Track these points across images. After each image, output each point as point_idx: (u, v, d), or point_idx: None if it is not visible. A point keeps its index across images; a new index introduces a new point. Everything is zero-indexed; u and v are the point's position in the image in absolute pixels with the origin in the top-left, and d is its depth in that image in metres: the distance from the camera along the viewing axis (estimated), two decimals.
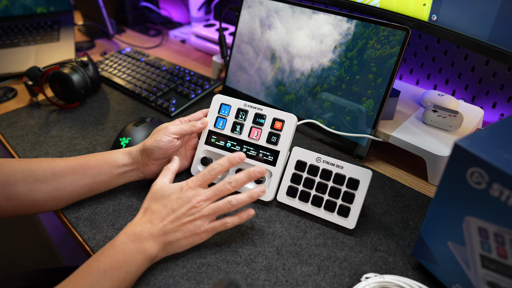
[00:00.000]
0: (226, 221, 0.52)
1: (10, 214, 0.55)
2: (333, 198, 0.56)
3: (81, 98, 0.85)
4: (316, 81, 0.75)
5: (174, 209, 0.50)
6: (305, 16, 0.75)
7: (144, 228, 0.49)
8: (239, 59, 0.86)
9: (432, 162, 0.63)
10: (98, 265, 0.45)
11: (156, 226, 0.49)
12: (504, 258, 0.38)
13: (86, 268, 0.45)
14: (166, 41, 1.24)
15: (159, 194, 0.52)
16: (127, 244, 0.47)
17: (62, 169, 0.56)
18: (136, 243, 0.47)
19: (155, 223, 0.49)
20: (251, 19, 0.83)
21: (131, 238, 0.48)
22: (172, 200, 0.51)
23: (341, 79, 0.71)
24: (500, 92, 0.74)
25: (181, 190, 0.52)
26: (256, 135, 0.62)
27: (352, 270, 0.50)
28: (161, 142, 0.58)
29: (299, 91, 0.77)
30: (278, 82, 0.80)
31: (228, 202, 0.51)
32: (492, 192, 0.37)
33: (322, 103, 0.74)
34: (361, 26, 0.68)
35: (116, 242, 0.47)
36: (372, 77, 0.67)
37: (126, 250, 0.47)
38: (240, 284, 0.49)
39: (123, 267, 0.46)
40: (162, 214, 0.50)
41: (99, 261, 0.46)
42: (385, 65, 0.66)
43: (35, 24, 1.17)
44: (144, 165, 0.59)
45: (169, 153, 0.60)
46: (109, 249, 0.47)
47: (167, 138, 0.59)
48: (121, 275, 0.45)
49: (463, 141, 0.38)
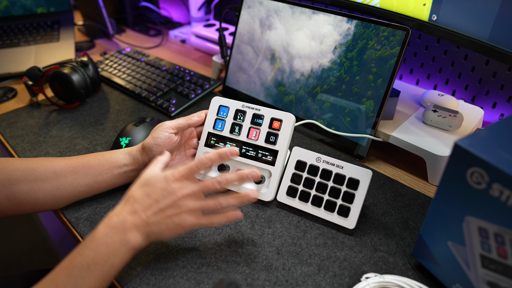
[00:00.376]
0: (212, 220, 0.50)
1: (10, 213, 0.55)
2: (333, 198, 0.56)
3: (81, 98, 0.85)
4: (316, 82, 0.74)
5: (157, 200, 0.48)
6: (305, 16, 0.75)
7: (126, 218, 0.46)
8: (238, 60, 0.86)
9: (432, 162, 0.63)
10: (81, 260, 0.43)
11: (139, 216, 0.47)
12: (504, 258, 0.38)
13: (68, 263, 0.44)
14: (166, 41, 1.24)
15: (144, 182, 0.50)
16: (110, 236, 0.45)
17: (63, 168, 0.56)
18: (119, 234, 0.45)
19: (139, 213, 0.47)
20: (251, 19, 0.83)
21: (113, 229, 0.46)
22: (157, 190, 0.48)
23: (341, 79, 0.71)
24: (500, 92, 0.74)
25: (167, 181, 0.49)
26: (255, 135, 0.62)
27: (352, 270, 0.50)
28: (159, 139, 0.58)
29: (299, 92, 0.77)
30: (278, 83, 0.80)
31: (218, 203, 0.49)
32: (492, 192, 0.37)
33: (322, 104, 0.74)
34: (361, 26, 0.68)
35: (98, 234, 0.45)
36: (372, 78, 0.67)
37: (109, 242, 0.45)
38: (240, 284, 0.49)
39: (107, 261, 0.44)
40: (145, 204, 0.47)
41: (81, 255, 0.44)
42: (385, 65, 0.65)
43: (35, 24, 1.17)
44: (144, 165, 0.59)
45: (168, 150, 0.60)
46: (91, 242, 0.45)
47: (165, 134, 0.59)
48: (105, 269, 0.44)
49: (463, 141, 0.38)
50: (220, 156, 0.51)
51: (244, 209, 0.60)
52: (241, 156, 0.62)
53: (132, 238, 0.46)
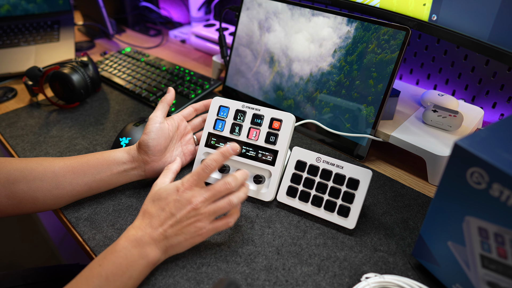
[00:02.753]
0: (228, 221, 0.51)
1: (10, 213, 0.56)
2: (333, 198, 0.56)
3: (81, 98, 0.85)
4: (315, 86, 0.73)
5: (173, 213, 0.49)
6: (304, 18, 0.74)
7: (145, 232, 0.48)
8: (237, 63, 0.86)
9: (432, 162, 0.63)
10: (100, 271, 0.45)
11: (156, 230, 0.48)
12: (504, 258, 0.38)
13: (88, 273, 0.45)
14: (166, 41, 1.24)
15: (156, 196, 0.51)
16: (129, 249, 0.46)
17: (62, 168, 0.57)
18: (138, 248, 0.47)
19: (155, 227, 0.48)
20: (250, 22, 0.82)
21: (132, 243, 0.47)
22: (170, 203, 0.49)
23: (341, 84, 0.70)
24: (500, 92, 0.74)
25: (178, 191, 0.50)
26: (255, 135, 0.62)
27: (352, 270, 0.50)
28: (152, 133, 0.59)
29: (297, 97, 0.76)
30: (276, 87, 0.79)
31: (230, 201, 0.51)
32: (492, 192, 0.37)
33: (322, 109, 0.73)
34: (361, 29, 0.68)
35: (117, 246, 0.47)
36: (372, 83, 0.66)
37: (128, 255, 0.46)
38: (240, 284, 0.49)
39: (126, 272, 0.45)
40: (161, 218, 0.49)
41: (101, 266, 0.45)
42: (385, 70, 0.65)
43: (35, 24, 1.17)
44: (144, 163, 0.59)
45: (164, 142, 0.60)
46: (110, 253, 0.46)
47: (155, 126, 0.59)
48: (123, 281, 0.45)
49: (463, 141, 0.38)
50: (223, 154, 0.52)
51: (244, 209, 0.60)
52: (241, 156, 0.62)
53: (150, 252, 0.47)
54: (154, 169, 0.61)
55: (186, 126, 0.67)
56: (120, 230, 0.56)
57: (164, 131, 0.60)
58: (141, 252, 0.47)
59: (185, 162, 0.66)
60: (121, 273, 0.45)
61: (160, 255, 0.48)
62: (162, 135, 0.59)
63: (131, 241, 0.47)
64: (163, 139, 0.60)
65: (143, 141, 0.59)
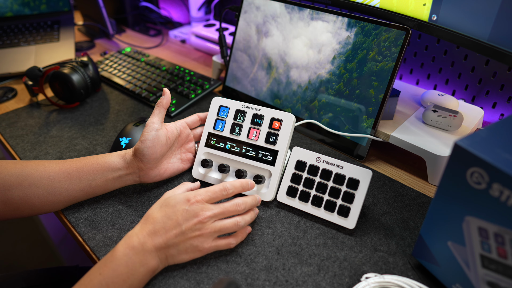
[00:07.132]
0: (230, 241, 0.51)
1: (8, 217, 0.56)
2: (333, 198, 0.56)
3: (81, 98, 0.85)
4: (314, 95, 0.71)
5: (179, 222, 0.48)
6: (303, 23, 0.73)
7: (146, 239, 0.47)
8: (233, 68, 0.84)
9: (432, 162, 0.63)
10: (100, 280, 0.44)
11: (159, 238, 0.47)
12: (504, 258, 0.38)
13: (88, 281, 0.44)
14: (166, 41, 1.24)
15: (165, 203, 0.50)
16: (130, 257, 0.46)
17: (57, 174, 0.56)
18: (139, 255, 0.46)
19: (159, 234, 0.47)
20: (247, 26, 0.80)
21: (133, 250, 0.46)
22: (178, 212, 0.48)
23: (340, 93, 0.68)
24: (500, 92, 0.74)
25: (188, 201, 0.49)
26: (255, 135, 0.62)
27: (352, 270, 0.50)
28: (148, 141, 0.57)
29: (295, 105, 0.74)
30: (273, 95, 0.77)
31: (236, 223, 0.51)
32: (492, 192, 0.37)
33: (320, 119, 0.72)
34: (361, 35, 0.66)
35: (118, 254, 0.46)
36: (373, 93, 0.64)
37: (129, 263, 0.45)
38: (240, 284, 0.49)
39: (126, 281, 0.45)
40: (167, 226, 0.48)
41: (101, 274, 0.44)
42: (386, 79, 0.64)
43: (35, 24, 1.17)
44: (139, 170, 0.58)
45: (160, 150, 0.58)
46: (111, 261, 0.45)
47: (151, 134, 0.58)
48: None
49: (463, 141, 0.38)
50: (242, 186, 0.55)
51: None
52: (241, 156, 0.62)
53: (151, 260, 0.47)
54: (149, 176, 0.60)
55: (188, 134, 0.65)
56: (120, 230, 0.56)
57: (161, 139, 0.58)
58: (142, 260, 0.46)
59: (182, 169, 0.65)
60: (122, 282, 0.44)
61: (159, 263, 0.48)
62: (158, 143, 0.58)
63: (132, 247, 0.46)
64: (159, 147, 0.58)
65: (138, 149, 0.57)
